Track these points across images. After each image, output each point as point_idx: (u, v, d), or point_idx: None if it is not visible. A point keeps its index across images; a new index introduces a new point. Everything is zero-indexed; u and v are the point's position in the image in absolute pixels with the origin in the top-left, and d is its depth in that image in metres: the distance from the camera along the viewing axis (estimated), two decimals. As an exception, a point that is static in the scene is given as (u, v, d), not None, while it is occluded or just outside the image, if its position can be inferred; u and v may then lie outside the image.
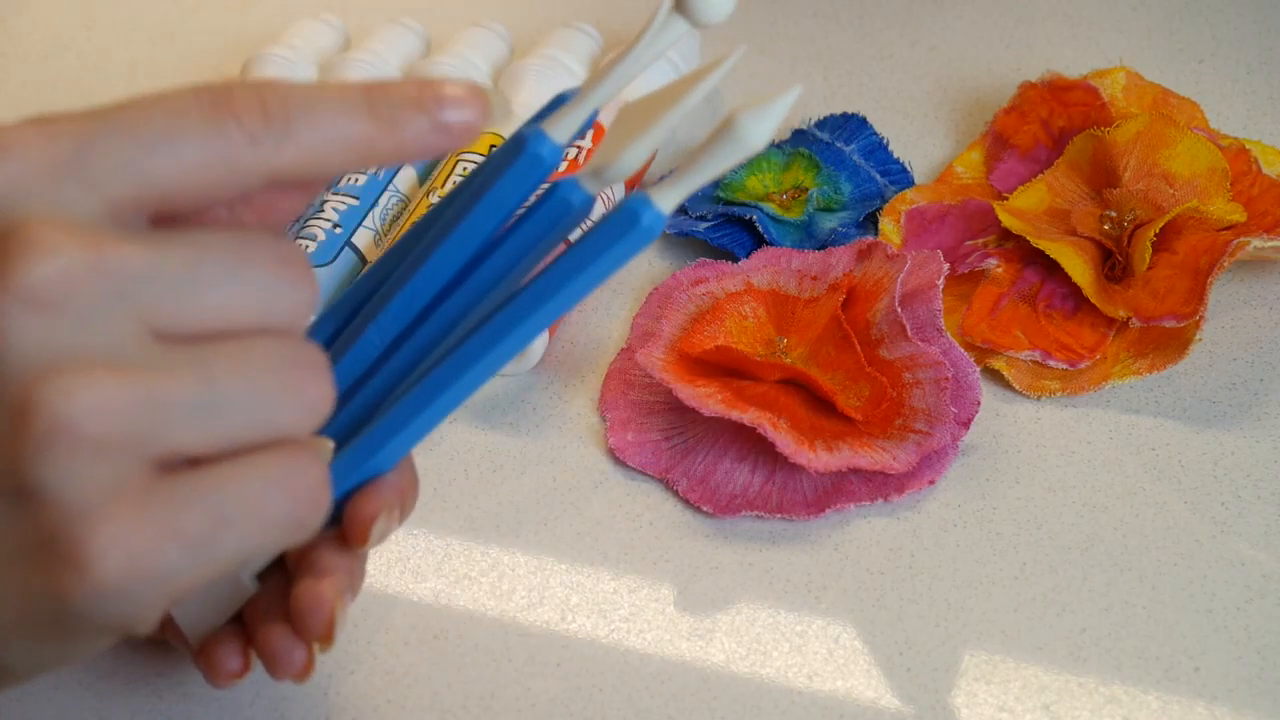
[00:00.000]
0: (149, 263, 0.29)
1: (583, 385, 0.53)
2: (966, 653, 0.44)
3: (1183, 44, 0.65)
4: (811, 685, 0.44)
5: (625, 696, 0.44)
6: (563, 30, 0.63)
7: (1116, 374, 0.51)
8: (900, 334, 0.50)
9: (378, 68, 0.62)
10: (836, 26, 0.68)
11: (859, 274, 0.52)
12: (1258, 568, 0.46)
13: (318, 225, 0.55)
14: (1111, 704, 0.43)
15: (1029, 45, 0.65)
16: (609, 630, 0.46)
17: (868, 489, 0.48)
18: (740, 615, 0.46)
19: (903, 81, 0.64)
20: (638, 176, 0.58)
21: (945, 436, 0.48)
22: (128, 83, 0.69)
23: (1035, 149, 0.58)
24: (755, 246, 0.55)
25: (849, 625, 0.45)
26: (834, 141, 0.59)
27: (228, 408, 0.30)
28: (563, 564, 0.48)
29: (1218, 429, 0.50)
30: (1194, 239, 0.52)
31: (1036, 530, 0.47)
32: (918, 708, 0.43)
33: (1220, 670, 0.43)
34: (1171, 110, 0.57)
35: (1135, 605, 0.45)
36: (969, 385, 0.49)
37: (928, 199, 0.57)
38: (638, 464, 0.50)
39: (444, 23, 0.67)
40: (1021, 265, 0.54)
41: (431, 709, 0.44)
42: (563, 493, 0.50)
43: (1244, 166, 0.54)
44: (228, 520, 0.30)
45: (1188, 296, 0.50)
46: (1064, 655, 0.44)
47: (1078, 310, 0.52)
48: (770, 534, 0.48)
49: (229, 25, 0.72)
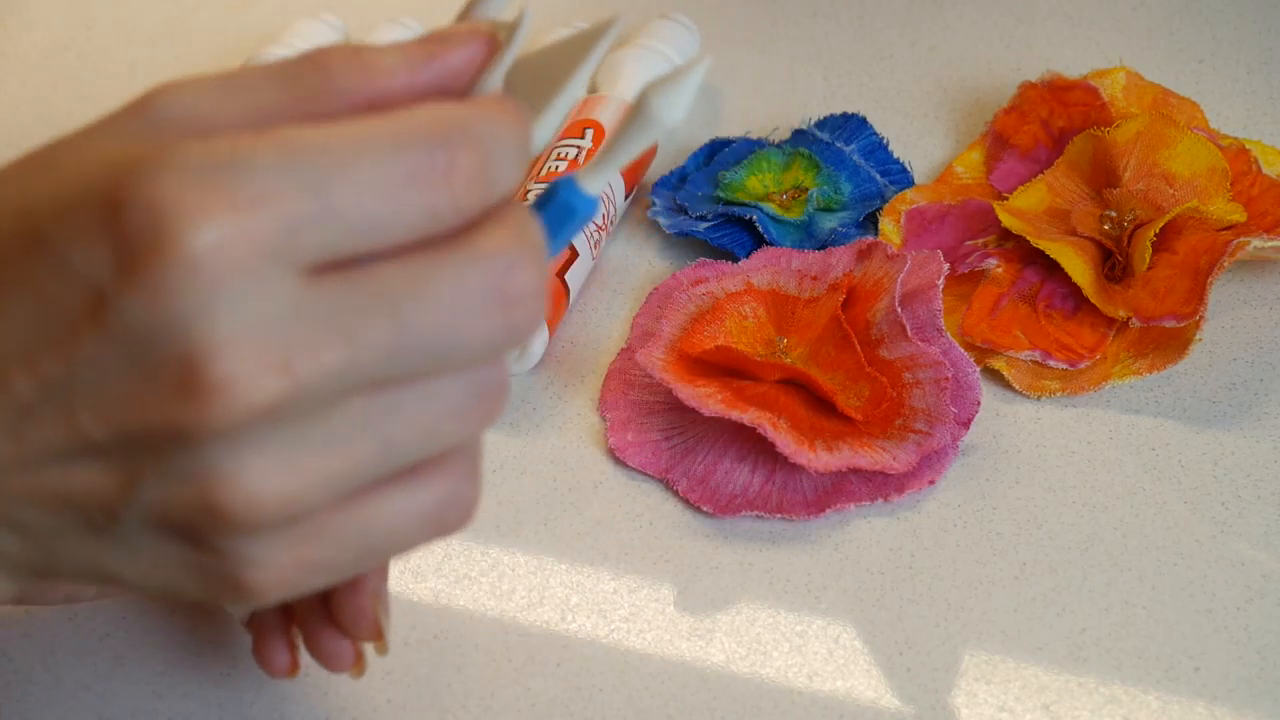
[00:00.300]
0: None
1: (583, 385, 0.53)
2: (966, 653, 0.44)
3: (1183, 44, 0.64)
4: (811, 685, 0.44)
5: (625, 696, 0.44)
6: (563, 30, 0.63)
7: (1116, 374, 0.51)
8: (900, 334, 0.50)
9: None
10: (836, 26, 0.68)
11: (859, 274, 0.52)
12: (1258, 568, 0.46)
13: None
14: (1111, 704, 0.43)
15: (1029, 45, 0.65)
16: (609, 630, 0.46)
17: (868, 489, 0.48)
18: (740, 615, 0.46)
19: (903, 81, 0.64)
20: (641, 167, 0.58)
21: (945, 436, 0.48)
22: (128, 83, 0.69)
23: (1035, 149, 0.58)
24: (755, 246, 0.55)
25: (849, 625, 0.45)
26: (834, 141, 0.59)
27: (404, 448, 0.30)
28: (563, 564, 0.48)
29: (1218, 429, 0.50)
30: (1194, 239, 0.52)
31: (1036, 530, 0.47)
32: (918, 708, 0.43)
33: (1220, 670, 0.43)
34: (1171, 110, 0.57)
35: (1135, 605, 0.45)
36: (969, 385, 0.49)
37: (928, 199, 0.57)
38: (638, 464, 0.50)
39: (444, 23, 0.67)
40: (1021, 265, 0.54)
41: (431, 709, 0.44)
42: (563, 493, 0.50)
43: (1244, 166, 0.54)
44: (377, 551, 0.32)
45: (1188, 296, 0.50)
46: (1064, 655, 0.44)
47: (1078, 310, 0.52)
48: (770, 534, 0.48)
49: (229, 25, 0.72)
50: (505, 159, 0.30)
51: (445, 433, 0.31)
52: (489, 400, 0.31)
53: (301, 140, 0.28)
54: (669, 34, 0.62)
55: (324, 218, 0.28)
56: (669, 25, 0.63)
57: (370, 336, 0.28)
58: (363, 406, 0.29)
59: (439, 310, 0.29)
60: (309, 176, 0.28)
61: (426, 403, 0.30)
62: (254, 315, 0.27)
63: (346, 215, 0.28)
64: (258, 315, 0.27)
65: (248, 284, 0.27)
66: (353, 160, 0.28)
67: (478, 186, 0.29)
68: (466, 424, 0.31)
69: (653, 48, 0.61)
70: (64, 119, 0.67)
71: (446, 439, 0.31)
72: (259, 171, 0.27)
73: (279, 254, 0.27)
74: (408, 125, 0.29)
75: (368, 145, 0.28)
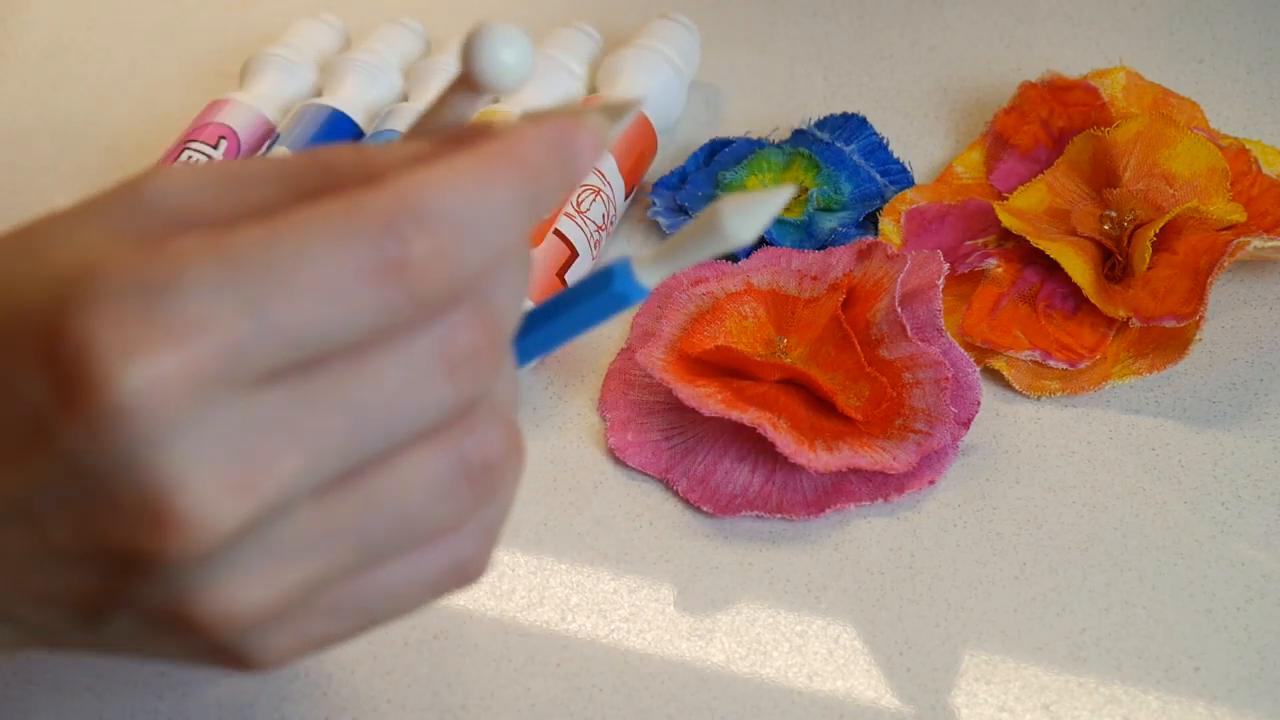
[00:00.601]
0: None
1: (583, 385, 0.53)
2: (966, 653, 0.44)
3: (1183, 44, 0.64)
4: (811, 685, 0.44)
5: (625, 696, 0.44)
6: (563, 30, 0.63)
7: (1116, 374, 0.51)
8: (900, 334, 0.50)
9: (378, 67, 0.62)
10: (836, 26, 0.68)
11: (859, 274, 0.52)
12: (1258, 568, 0.46)
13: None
14: (1111, 704, 0.43)
15: (1029, 45, 0.65)
16: (609, 630, 0.46)
17: (868, 489, 0.48)
18: (740, 615, 0.46)
19: (903, 81, 0.64)
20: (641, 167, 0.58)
21: (945, 436, 0.48)
22: (128, 83, 0.69)
23: (1035, 149, 0.58)
24: (755, 246, 0.55)
25: (849, 625, 0.45)
26: (834, 141, 0.59)
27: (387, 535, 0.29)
28: (563, 564, 0.48)
29: (1218, 429, 0.50)
30: (1194, 239, 0.52)
31: (1036, 530, 0.47)
32: (918, 708, 0.43)
33: (1220, 670, 0.43)
34: (1171, 110, 0.57)
35: (1135, 605, 0.45)
36: (969, 385, 0.49)
37: (928, 199, 0.57)
38: (638, 464, 0.50)
39: (444, 23, 0.67)
40: (1021, 265, 0.54)
41: (431, 709, 0.44)
42: (563, 493, 0.50)
43: (1244, 166, 0.55)
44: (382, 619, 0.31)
45: (1188, 296, 0.50)
46: (1064, 655, 0.44)
47: (1078, 310, 0.52)
48: (770, 534, 0.48)
49: (229, 25, 0.72)
50: (475, 234, 0.27)
51: (429, 516, 0.29)
52: (473, 473, 0.29)
53: (241, 247, 0.26)
54: (669, 34, 0.62)
55: (264, 337, 0.26)
56: (669, 25, 0.63)
57: (328, 437, 0.27)
58: (333, 503, 0.28)
59: (390, 393, 0.27)
60: (245, 293, 0.26)
61: (399, 488, 0.29)
62: (203, 441, 0.26)
63: (286, 330, 0.26)
64: (207, 440, 0.26)
65: (190, 413, 0.26)
66: (292, 265, 0.26)
67: (437, 274, 0.27)
68: (450, 503, 0.29)
69: (653, 48, 0.61)
70: (64, 119, 0.67)
71: (432, 521, 0.29)
72: (192, 294, 0.26)
73: (220, 379, 0.26)
74: (354, 214, 0.27)
75: (309, 244, 0.26)
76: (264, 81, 0.62)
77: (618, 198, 0.57)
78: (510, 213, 0.28)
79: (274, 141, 0.59)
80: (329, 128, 0.59)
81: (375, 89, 0.62)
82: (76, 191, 0.63)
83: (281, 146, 0.58)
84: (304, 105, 0.60)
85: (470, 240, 0.27)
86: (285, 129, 0.59)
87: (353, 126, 0.60)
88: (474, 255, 0.27)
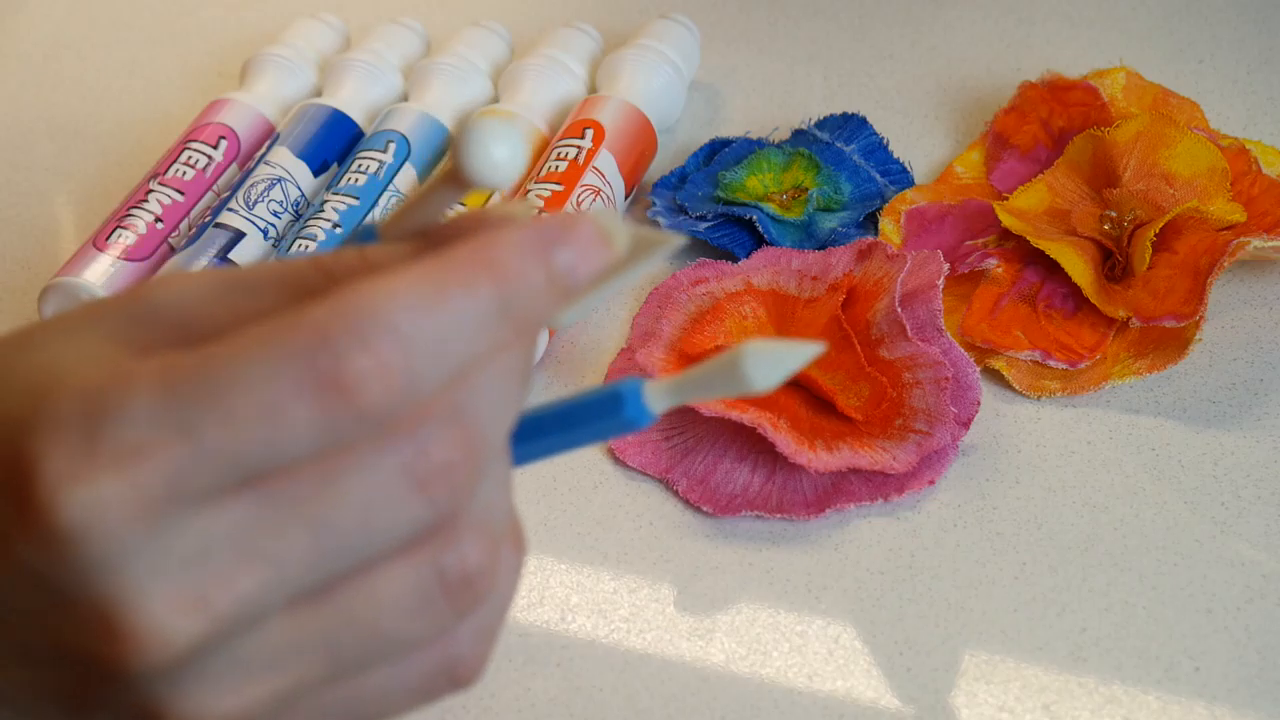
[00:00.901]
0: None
1: (583, 385, 0.53)
2: (966, 653, 0.44)
3: (1183, 44, 0.64)
4: (811, 685, 0.44)
5: (625, 696, 0.44)
6: (563, 30, 0.63)
7: (1116, 374, 0.51)
8: (900, 334, 0.50)
9: (378, 67, 0.62)
10: (836, 26, 0.68)
11: (859, 274, 0.52)
12: (1258, 568, 0.46)
13: (317, 225, 0.55)
14: (1111, 704, 0.43)
15: (1029, 45, 0.65)
16: (609, 630, 0.46)
17: (868, 489, 0.48)
18: (740, 615, 0.46)
19: (903, 81, 0.64)
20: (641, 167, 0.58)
21: (945, 436, 0.48)
22: (128, 83, 0.69)
23: (1035, 149, 0.58)
24: (755, 246, 0.55)
25: (849, 625, 0.45)
26: (834, 141, 0.59)
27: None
28: (563, 564, 0.48)
29: (1218, 429, 0.50)
30: (1194, 239, 0.52)
31: (1036, 530, 0.47)
32: (918, 708, 0.43)
33: (1220, 670, 0.43)
34: (1171, 110, 0.57)
35: (1135, 605, 0.45)
36: (969, 385, 0.49)
37: (928, 199, 0.57)
38: (638, 464, 0.50)
39: (444, 23, 0.67)
40: (1021, 265, 0.54)
41: (431, 709, 0.44)
42: (563, 493, 0.50)
43: (1244, 166, 0.54)
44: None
45: (1188, 296, 0.50)
46: (1064, 655, 0.44)
47: (1078, 310, 0.52)
48: (770, 534, 0.48)
49: (229, 25, 0.72)
50: (429, 345, 0.26)
51: (404, 631, 0.28)
52: (451, 588, 0.29)
53: (181, 371, 0.26)
54: (669, 34, 0.62)
55: (201, 460, 0.26)
56: (669, 25, 0.63)
57: (290, 553, 0.27)
58: (304, 617, 0.28)
59: (356, 509, 0.27)
60: (179, 418, 0.26)
61: (372, 603, 0.28)
62: (155, 560, 0.26)
63: (223, 453, 0.26)
64: (159, 559, 0.26)
65: (139, 534, 0.26)
66: (227, 386, 0.26)
67: (383, 388, 0.26)
68: (426, 618, 0.29)
69: (653, 48, 0.61)
70: (64, 119, 0.67)
71: (408, 636, 0.29)
72: (131, 420, 0.26)
73: (166, 501, 0.26)
74: (291, 330, 0.26)
75: (243, 363, 0.26)
76: (264, 81, 0.62)
77: (618, 197, 0.57)
78: (476, 320, 0.27)
79: (274, 141, 0.59)
80: (329, 128, 0.59)
81: (375, 89, 0.62)
82: (76, 191, 0.64)
83: (282, 147, 0.58)
84: (304, 105, 0.60)
85: (423, 352, 0.26)
86: (285, 129, 0.59)
87: (353, 127, 0.60)
88: (430, 367, 0.26)
